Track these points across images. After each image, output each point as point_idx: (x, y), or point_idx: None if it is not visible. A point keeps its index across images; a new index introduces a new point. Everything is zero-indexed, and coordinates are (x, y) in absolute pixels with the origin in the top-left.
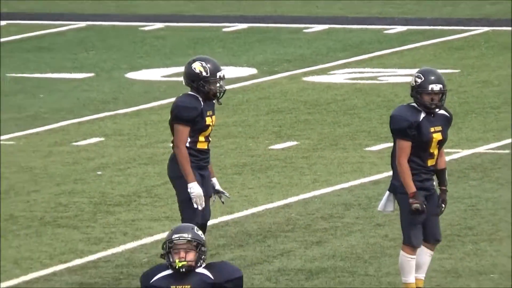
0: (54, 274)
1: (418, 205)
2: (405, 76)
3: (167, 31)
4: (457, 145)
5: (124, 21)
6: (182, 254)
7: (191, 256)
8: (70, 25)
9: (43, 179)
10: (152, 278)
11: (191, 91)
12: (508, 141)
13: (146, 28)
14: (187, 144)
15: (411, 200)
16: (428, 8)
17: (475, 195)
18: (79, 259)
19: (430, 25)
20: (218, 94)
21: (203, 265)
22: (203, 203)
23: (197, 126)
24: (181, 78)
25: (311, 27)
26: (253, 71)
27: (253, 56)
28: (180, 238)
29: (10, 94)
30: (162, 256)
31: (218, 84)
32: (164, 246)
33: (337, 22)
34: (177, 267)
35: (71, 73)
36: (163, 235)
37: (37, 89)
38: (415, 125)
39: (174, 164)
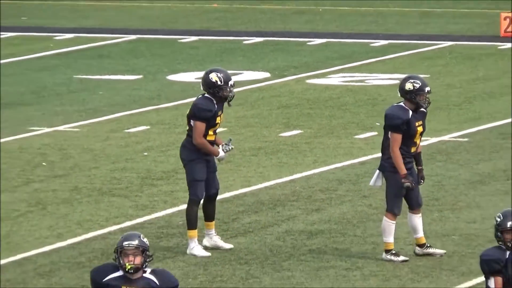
0: (109, 233)
1: (409, 183)
2: (387, 79)
3: (199, 43)
4: (426, 134)
5: (166, 35)
6: (131, 258)
7: (138, 260)
8: (124, 37)
9: (101, 158)
10: (105, 277)
11: (207, 94)
12: (467, 131)
13: (183, 41)
14: None
15: (403, 180)
16: (405, 26)
17: (440, 173)
18: (129, 221)
19: (406, 40)
20: (229, 98)
21: (149, 270)
22: (227, 153)
23: (209, 123)
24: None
25: (313, 41)
26: (267, 75)
27: (267, 63)
28: (129, 245)
29: (77, 92)
30: (114, 259)
31: (229, 90)
32: (116, 250)
33: (334, 37)
34: (126, 269)
35: (124, 75)
36: None
37: (97, 88)
38: (406, 121)
39: (186, 149)
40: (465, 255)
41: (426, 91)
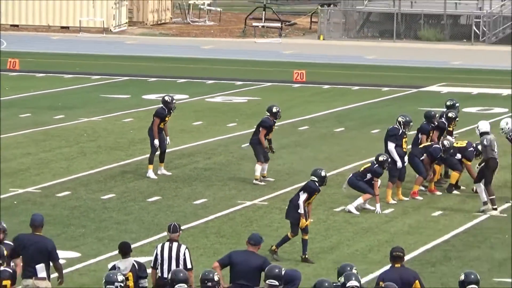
0: (118, 166)
1: (269, 151)
2: (242, 100)
3: (157, 82)
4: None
5: (136, 77)
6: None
7: (1, 236)
8: (121, 78)
9: (111, 132)
10: None
11: (163, 106)
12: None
13: (149, 80)
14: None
15: (266, 149)
16: (249, 76)
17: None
18: (123, 161)
19: (249, 82)
20: (172, 109)
21: (8, 239)
22: (158, 144)
23: (161, 120)
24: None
25: (208, 81)
26: (187, 96)
27: (189, 91)
28: None
29: (102, 102)
30: None
31: (173, 105)
32: None
33: (217, 80)
34: None
35: (123, 95)
36: None
37: (110, 100)
38: (270, 125)
39: (150, 130)
40: (283, 182)
41: (275, 111)
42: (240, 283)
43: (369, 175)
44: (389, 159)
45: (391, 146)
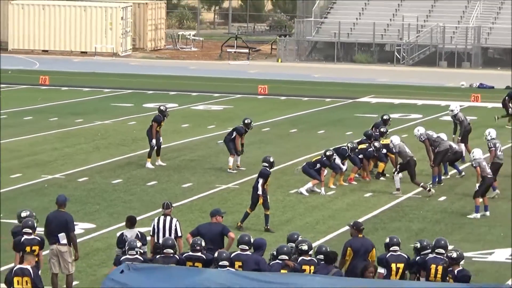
0: (125, 157)
1: (240, 152)
2: (219, 108)
3: (153, 94)
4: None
5: (135, 89)
6: None
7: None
8: (127, 91)
9: (119, 132)
10: None
11: (159, 113)
12: (260, 122)
13: (147, 92)
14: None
15: (238, 152)
16: (222, 88)
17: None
18: (128, 154)
19: (222, 94)
20: (166, 116)
21: None
22: (155, 143)
23: (158, 124)
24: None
25: (193, 94)
26: (176, 104)
27: (178, 101)
28: None
29: (110, 109)
30: None
31: (166, 113)
32: None
33: (202, 92)
34: None
35: (128, 103)
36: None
37: (119, 108)
38: (242, 133)
39: (148, 131)
40: (250, 170)
41: (247, 122)
42: (208, 247)
43: (318, 165)
44: (336, 157)
45: (338, 161)
